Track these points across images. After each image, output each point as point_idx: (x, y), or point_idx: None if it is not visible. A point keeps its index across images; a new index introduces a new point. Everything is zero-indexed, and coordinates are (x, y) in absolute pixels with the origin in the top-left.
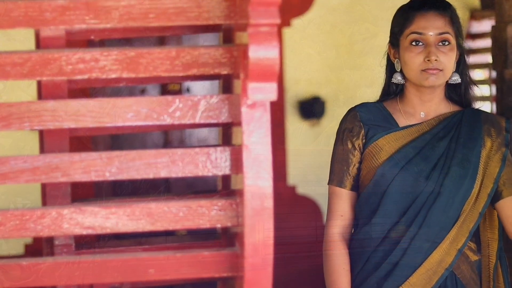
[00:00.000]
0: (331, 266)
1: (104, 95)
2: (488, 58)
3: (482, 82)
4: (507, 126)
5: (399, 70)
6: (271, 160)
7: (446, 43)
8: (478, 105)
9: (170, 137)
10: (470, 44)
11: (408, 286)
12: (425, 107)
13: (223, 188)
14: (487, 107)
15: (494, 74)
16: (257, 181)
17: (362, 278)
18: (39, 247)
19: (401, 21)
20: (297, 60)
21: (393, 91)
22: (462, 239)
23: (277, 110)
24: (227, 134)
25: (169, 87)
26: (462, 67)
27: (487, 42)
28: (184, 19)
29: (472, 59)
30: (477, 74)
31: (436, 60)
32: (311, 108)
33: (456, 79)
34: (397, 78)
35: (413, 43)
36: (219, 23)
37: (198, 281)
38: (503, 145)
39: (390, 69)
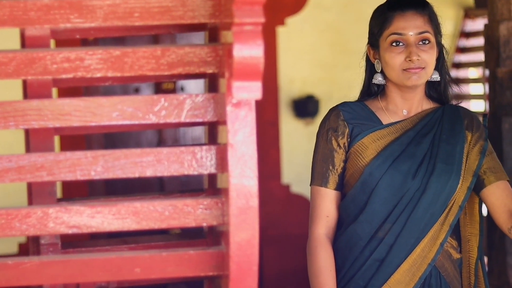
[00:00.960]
0: (317, 268)
1: (98, 93)
2: (482, 56)
3: (476, 80)
4: (485, 121)
5: (379, 71)
6: (256, 159)
7: (426, 41)
8: (457, 101)
9: (164, 136)
10: (464, 42)
11: (393, 282)
12: (407, 104)
13: (209, 187)
14: (481, 105)
15: (487, 72)
16: (242, 179)
17: (348, 278)
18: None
19: (380, 22)
20: (291, 59)
21: (374, 91)
22: (443, 233)
23: (271, 109)
24: (212, 133)
25: (163, 86)
26: (441, 64)
27: (481, 41)
28: (169, 18)
29: (466, 57)
30: (471, 73)
31: (418, 59)
32: (305, 107)
33: (436, 77)
34: (378, 79)
35: (394, 44)
36: (205, 22)
37: (190, 280)
38: (481, 139)
39: (370, 70)
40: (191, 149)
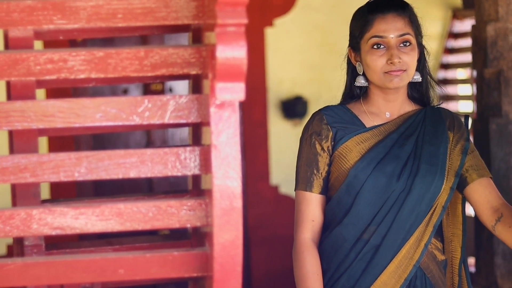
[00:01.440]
0: (303, 273)
1: (87, 95)
2: (470, 57)
3: (464, 81)
4: (466, 121)
5: (361, 73)
6: (240, 160)
7: (407, 43)
8: (439, 103)
9: (152, 137)
10: (452, 43)
11: (380, 284)
12: (390, 107)
13: (193, 188)
14: (469, 106)
15: (475, 73)
16: (226, 181)
17: (334, 280)
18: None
19: (361, 24)
20: (279, 60)
21: (356, 94)
22: (428, 234)
23: (259, 110)
24: (196, 134)
25: (151, 87)
26: (422, 65)
27: (469, 42)
28: (152, 19)
29: (454, 58)
30: (460, 74)
31: (399, 61)
32: (294, 108)
33: (418, 78)
34: (360, 81)
35: (375, 47)
36: (188, 23)
37: (178, 280)
38: (463, 139)
39: (352, 72)
40: (175, 150)
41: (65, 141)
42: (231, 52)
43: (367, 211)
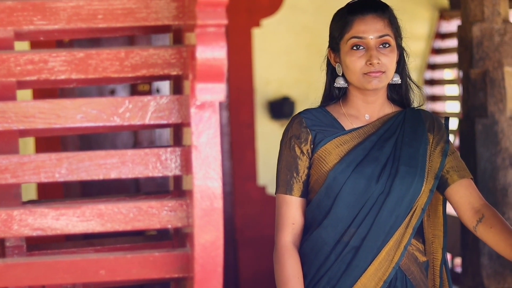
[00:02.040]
0: (284, 276)
1: (74, 95)
2: (457, 58)
3: (451, 81)
4: (446, 123)
5: (340, 74)
6: (220, 161)
7: (387, 45)
8: (419, 105)
9: (139, 138)
10: (439, 44)
11: (360, 286)
12: (369, 109)
13: (174, 188)
14: (456, 106)
15: (462, 73)
16: (206, 181)
17: (314, 282)
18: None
19: (340, 25)
20: (266, 61)
21: (335, 95)
22: (407, 236)
23: (246, 110)
24: (177, 134)
25: (138, 88)
26: (402, 67)
27: (456, 42)
28: (133, 20)
29: (441, 59)
30: (446, 74)
31: (378, 63)
32: (281, 109)
33: (397, 80)
34: (340, 83)
35: (354, 48)
36: (169, 24)
37: (166, 281)
38: (443, 141)
39: (331, 74)
40: (156, 151)
41: (51, 142)
42: (211, 52)
43: (347, 213)
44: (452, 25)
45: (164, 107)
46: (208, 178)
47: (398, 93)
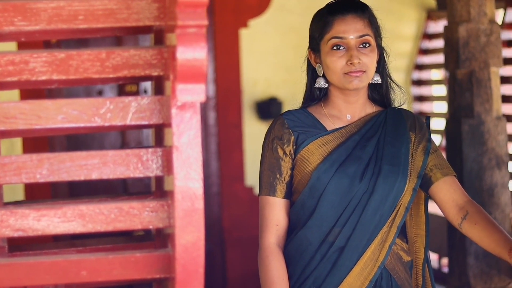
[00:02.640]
0: (269, 278)
1: (61, 96)
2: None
3: (438, 82)
4: (428, 122)
5: (321, 75)
6: (201, 161)
7: (367, 45)
8: (400, 104)
9: (127, 138)
10: (426, 44)
11: (346, 286)
12: (351, 109)
13: (156, 189)
14: (443, 107)
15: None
16: (187, 182)
17: (300, 283)
18: None
19: (320, 26)
20: (254, 61)
21: (316, 96)
22: (392, 235)
23: (234, 111)
24: (159, 135)
25: (126, 89)
26: (382, 67)
27: (443, 43)
28: (113, 20)
29: (428, 59)
30: (434, 74)
31: (359, 62)
32: (268, 109)
33: (377, 79)
34: (321, 83)
35: (334, 48)
36: (150, 25)
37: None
38: (424, 140)
39: (312, 74)
40: (137, 151)
41: (39, 143)
42: (192, 53)
43: (331, 213)
44: (439, 26)
45: (145, 107)
46: (189, 178)
47: (378, 92)
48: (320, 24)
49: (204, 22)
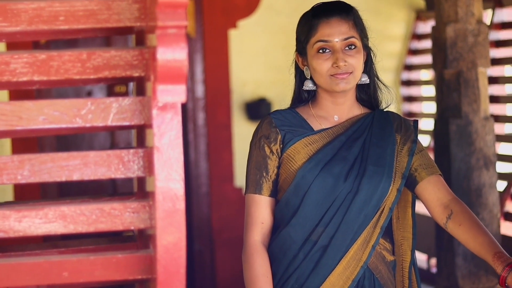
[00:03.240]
0: (253, 275)
1: (51, 97)
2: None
3: (427, 82)
4: (415, 125)
5: (309, 77)
6: (182, 162)
7: (352, 47)
8: (387, 105)
9: (116, 139)
10: (415, 44)
11: (328, 285)
12: (338, 110)
13: (138, 190)
14: (432, 107)
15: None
16: (168, 182)
17: (283, 281)
18: None
19: (306, 29)
20: (243, 62)
21: (305, 98)
22: (375, 235)
23: (223, 112)
24: (141, 136)
25: (115, 89)
26: (369, 67)
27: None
28: (94, 21)
29: (417, 59)
30: (423, 75)
31: (344, 64)
32: (258, 110)
33: (365, 80)
34: (309, 85)
35: (320, 51)
36: (131, 26)
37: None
38: (410, 141)
39: (300, 77)
40: (118, 152)
41: (28, 144)
42: (172, 54)
43: (315, 212)
44: (428, 26)
45: (126, 108)
46: (170, 179)
47: (366, 93)
48: (306, 27)
49: (184, 22)
